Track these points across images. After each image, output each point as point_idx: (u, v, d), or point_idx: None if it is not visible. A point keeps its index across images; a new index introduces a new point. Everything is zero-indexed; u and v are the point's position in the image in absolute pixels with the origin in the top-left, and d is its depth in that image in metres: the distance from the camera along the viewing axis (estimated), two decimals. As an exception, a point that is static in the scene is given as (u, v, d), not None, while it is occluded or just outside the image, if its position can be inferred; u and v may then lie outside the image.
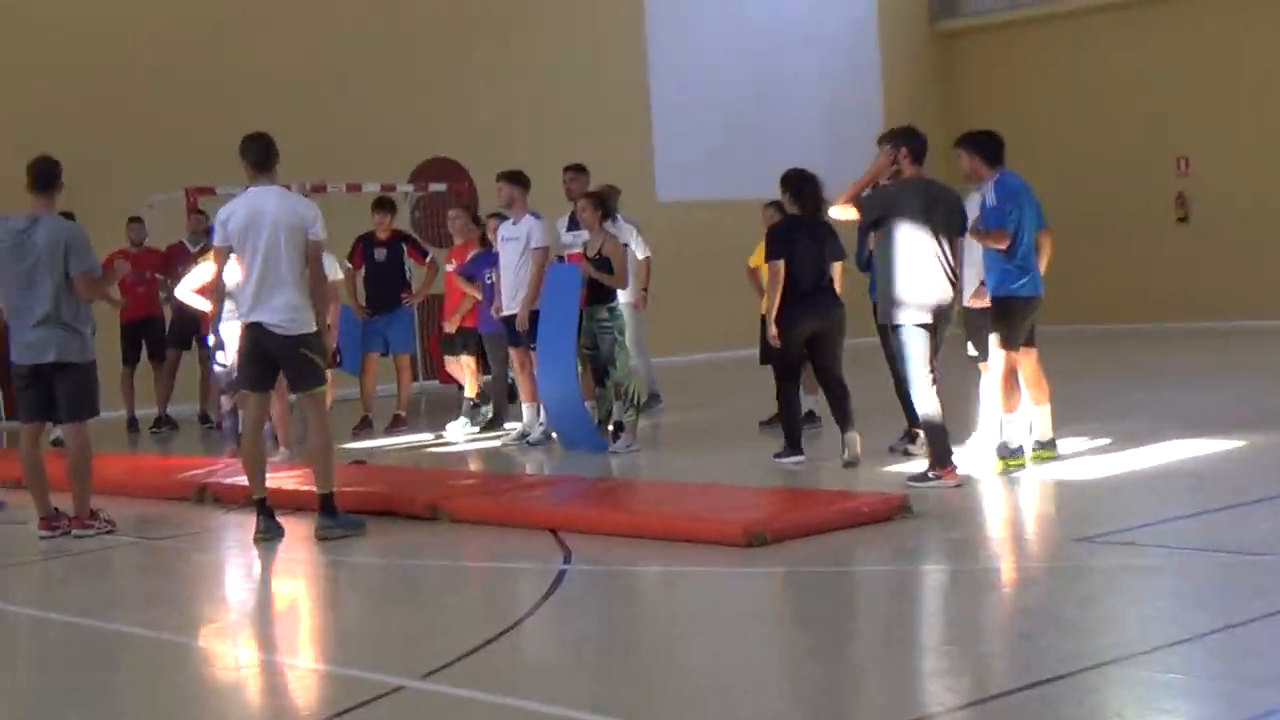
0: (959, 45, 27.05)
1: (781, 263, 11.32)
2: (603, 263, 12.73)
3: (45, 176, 10.26)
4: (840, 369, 11.48)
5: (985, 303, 10.84)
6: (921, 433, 10.65)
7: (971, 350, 11.21)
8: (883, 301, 10.42)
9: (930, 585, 8.15)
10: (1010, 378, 10.68)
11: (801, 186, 11.65)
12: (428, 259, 15.84)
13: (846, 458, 11.10)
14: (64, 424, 10.38)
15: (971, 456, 10.77)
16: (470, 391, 15.00)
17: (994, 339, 10.69)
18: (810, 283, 11.39)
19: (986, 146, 10.75)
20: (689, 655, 6.81)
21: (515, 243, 13.59)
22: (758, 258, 12.95)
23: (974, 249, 10.79)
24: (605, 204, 13.22)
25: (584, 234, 13.29)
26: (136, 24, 19.39)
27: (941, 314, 10.27)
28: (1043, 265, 10.92)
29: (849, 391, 11.33)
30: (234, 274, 10.13)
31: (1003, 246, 10.49)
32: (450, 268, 15.20)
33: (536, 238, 13.53)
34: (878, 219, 10.37)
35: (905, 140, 10.54)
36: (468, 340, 14.95)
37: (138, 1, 19.45)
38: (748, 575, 8.17)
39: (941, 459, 10.14)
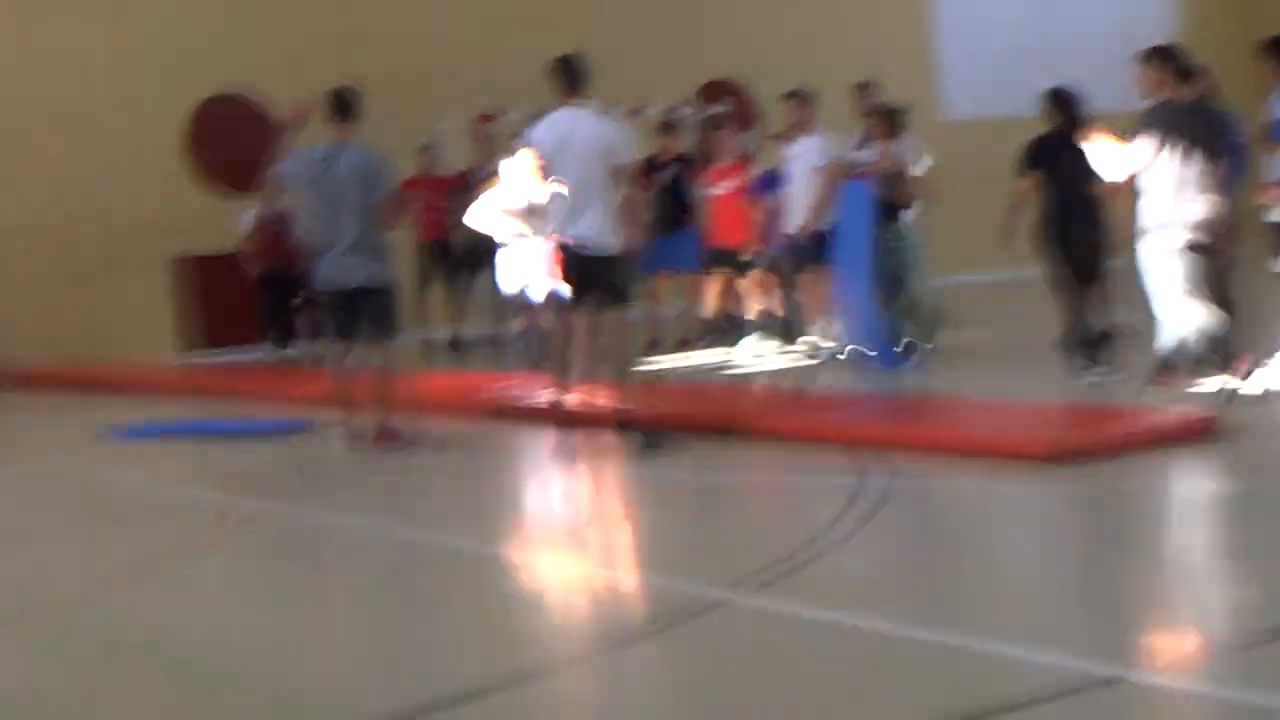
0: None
1: (1029, 179, 11.36)
2: (892, 179, 12.62)
3: (347, 106, 10.51)
4: (1099, 285, 11.52)
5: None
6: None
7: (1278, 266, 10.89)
8: (1152, 224, 10.22)
9: (1241, 506, 7.90)
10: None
11: (1061, 103, 11.58)
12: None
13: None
14: (370, 345, 10.65)
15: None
16: (757, 312, 15.00)
17: None
18: (1071, 199, 11.28)
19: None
20: (994, 571, 6.77)
21: (803, 161, 13.56)
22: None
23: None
24: (895, 120, 13.07)
25: (873, 151, 13.18)
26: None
27: (1211, 234, 10.06)
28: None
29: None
30: (532, 194, 10.25)
31: None
32: (721, 189, 15.07)
33: (824, 155, 13.48)
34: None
35: (1168, 59, 10.29)
36: (753, 260, 14.95)
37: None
38: (1051, 493, 8.08)
39: (1233, 355, 9.95)
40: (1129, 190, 10.40)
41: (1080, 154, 11.29)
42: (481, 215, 14.34)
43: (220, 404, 13.93)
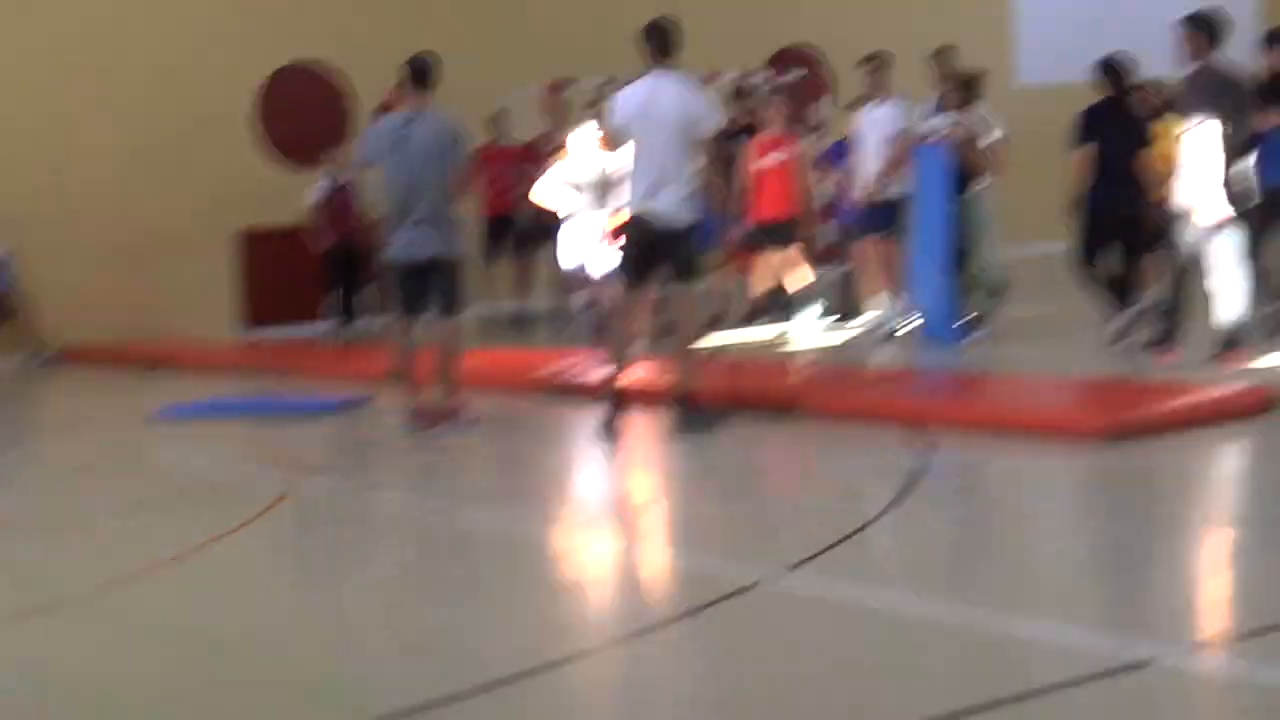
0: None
1: (1089, 147, 11.30)
2: (964, 148, 12.44)
3: (423, 74, 10.41)
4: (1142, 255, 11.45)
5: None
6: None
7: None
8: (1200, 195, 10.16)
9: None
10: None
11: (1110, 73, 11.64)
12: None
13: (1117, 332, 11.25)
14: (435, 319, 10.56)
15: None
16: (803, 287, 14.80)
17: None
18: (1119, 168, 11.24)
19: None
20: (1037, 551, 6.72)
21: (877, 128, 13.37)
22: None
23: None
24: (971, 87, 12.86)
25: (948, 118, 12.96)
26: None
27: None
28: None
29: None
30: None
31: None
32: (768, 161, 14.70)
33: (898, 122, 13.28)
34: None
35: (1199, 25, 10.46)
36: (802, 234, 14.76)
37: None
38: (1101, 470, 8.02)
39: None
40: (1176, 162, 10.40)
41: (1127, 124, 11.37)
42: (548, 188, 14.25)
43: (281, 380, 13.88)
